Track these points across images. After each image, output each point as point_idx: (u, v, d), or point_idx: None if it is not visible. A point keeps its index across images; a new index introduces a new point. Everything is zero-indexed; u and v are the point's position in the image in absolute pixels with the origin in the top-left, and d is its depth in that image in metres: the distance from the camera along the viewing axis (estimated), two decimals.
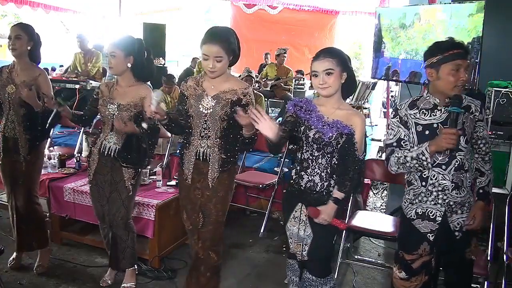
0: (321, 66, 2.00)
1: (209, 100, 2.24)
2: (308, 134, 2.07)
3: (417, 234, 2.07)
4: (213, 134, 2.26)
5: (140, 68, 2.59)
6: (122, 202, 2.63)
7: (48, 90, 2.77)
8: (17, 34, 2.68)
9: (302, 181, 2.12)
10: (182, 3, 10.84)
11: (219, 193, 2.31)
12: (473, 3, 2.98)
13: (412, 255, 2.09)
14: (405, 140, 2.05)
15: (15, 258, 2.99)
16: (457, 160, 1.97)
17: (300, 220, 2.14)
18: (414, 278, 2.11)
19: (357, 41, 15.14)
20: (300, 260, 2.19)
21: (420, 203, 2.05)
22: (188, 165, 2.33)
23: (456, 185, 1.99)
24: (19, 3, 7.97)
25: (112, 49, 2.51)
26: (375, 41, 3.82)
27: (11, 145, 2.78)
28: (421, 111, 2.02)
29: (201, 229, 2.35)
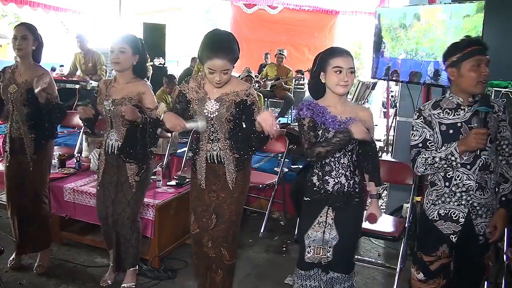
0: (347, 63, 2.01)
1: (212, 103, 2.24)
2: (327, 136, 2.05)
3: (438, 235, 2.06)
4: (222, 136, 2.26)
5: (141, 68, 2.62)
6: (128, 202, 2.62)
7: (51, 89, 2.78)
8: (24, 34, 2.69)
9: (328, 185, 2.10)
10: (182, 3, 10.83)
11: (234, 194, 2.32)
12: (473, 3, 2.98)
13: (430, 256, 2.08)
14: (431, 141, 2.05)
15: (15, 258, 2.99)
16: (481, 160, 1.96)
17: (326, 224, 2.12)
18: (431, 280, 2.10)
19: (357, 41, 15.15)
20: (325, 263, 2.16)
21: (443, 204, 2.04)
22: (200, 170, 2.33)
23: (480, 186, 1.98)
24: (20, 3, 7.97)
25: (122, 44, 2.49)
26: (375, 41, 3.81)
27: (18, 146, 2.79)
28: (444, 110, 2.02)
29: (213, 229, 2.33)
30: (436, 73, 3.24)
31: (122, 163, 2.59)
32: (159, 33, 8.12)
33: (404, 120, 3.94)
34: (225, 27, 9.31)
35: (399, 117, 4.09)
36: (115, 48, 2.49)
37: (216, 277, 2.39)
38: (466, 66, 1.92)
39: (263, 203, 4.11)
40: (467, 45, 1.94)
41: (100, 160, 2.69)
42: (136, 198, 2.66)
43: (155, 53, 6.93)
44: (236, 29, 10.51)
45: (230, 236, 2.36)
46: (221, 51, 2.10)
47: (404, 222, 3.06)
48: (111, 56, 2.52)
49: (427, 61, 3.32)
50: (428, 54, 3.33)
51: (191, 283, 2.91)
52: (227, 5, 11.16)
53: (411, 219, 3.06)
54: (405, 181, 3.14)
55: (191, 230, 2.44)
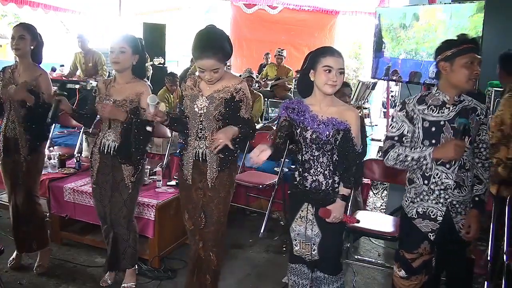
0: (337, 64, 2.00)
1: (203, 100, 2.25)
2: (305, 135, 2.07)
3: (418, 233, 2.07)
4: (209, 134, 2.25)
5: (140, 68, 2.63)
6: (124, 202, 2.63)
7: (48, 90, 2.77)
8: (21, 34, 2.68)
9: (306, 182, 2.12)
10: (182, 3, 10.82)
11: (221, 193, 2.31)
12: (473, 3, 2.98)
13: (412, 254, 2.09)
14: (407, 136, 2.05)
15: (15, 258, 3.00)
16: (460, 160, 1.98)
17: (307, 220, 2.14)
18: (414, 277, 2.11)
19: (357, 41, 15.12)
20: (310, 260, 2.18)
21: (421, 202, 2.06)
22: (187, 165, 2.34)
23: (457, 184, 2.00)
24: (20, 3, 7.97)
25: (122, 44, 2.49)
26: (375, 41, 3.82)
27: (12, 145, 2.79)
28: (429, 107, 2.02)
29: (204, 229, 2.34)
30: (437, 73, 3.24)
31: (118, 164, 2.59)
32: (159, 33, 8.12)
33: None
34: (225, 27, 9.30)
35: None
36: (115, 48, 2.49)
37: (205, 281, 2.41)
38: (460, 62, 1.93)
39: (263, 203, 4.11)
40: (463, 42, 1.94)
41: (93, 158, 2.67)
42: (132, 198, 2.66)
43: (155, 53, 6.93)
44: (236, 29, 10.51)
45: (219, 238, 2.37)
46: (210, 50, 2.10)
47: None
48: (111, 56, 2.52)
49: (427, 61, 3.33)
50: (428, 54, 3.33)
51: None
52: (227, 5, 11.15)
53: None
54: (405, 181, 3.13)
55: (187, 227, 2.46)
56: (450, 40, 2.01)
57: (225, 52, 2.15)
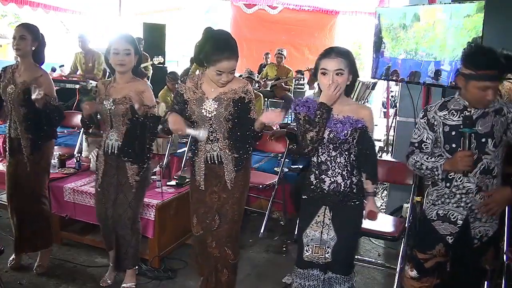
0: (333, 65, 1.97)
1: (211, 103, 2.23)
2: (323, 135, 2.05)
3: (435, 234, 2.06)
4: (221, 136, 2.25)
5: (138, 67, 2.64)
6: (129, 204, 2.62)
7: (50, 91, 2.76)
8: (22, 34, 2.68)
9: (324, 184, 2.09)
10: (182, 3, 10.83)
11: (236, 194, 2.31)
12: (473, 3, 2.98)
13: (425, 254, 2.09)
14: (426, 143, 2.07)
15: (15, 258, 3.00)
16: (483, 164, 1.95)
17: (323, 224, 2.11)
18: (425, 278, 2.10)
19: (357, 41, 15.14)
20: (323, 263, 2.15)
21: (442, 205, 2.05)
22: (199, 171, 2.33)
23: (480, 189, 1.97)
24: (20, 3, 7.97)
25: (127, 46, 2.49)
26: (375, 41, 3.81)
27: (16, 145, 2.80)
28: (450, 112, 2.02)
29: (217, 229, 2.33)
30: (437, 73, 3.24)
31: (122, 164, 2.59)
32: (159, 33, 8.12)
33: (404, 120, 3.94)
34: (225, 27, 9.30)
35: (399, 117, 4.09)
36: (120, 49, 2.48)
37: (222, 277, 2.39)
38: (473, 84, 1.89)
39: (263, 203, 4.11)
40: (483, 66, 1.86)
41: (99, 161, 2.68)
42: (137, 198, 2.66)
43: (155, 53, 6.93)
44: (236, 29, 10.51)
45: (233, 235, 2.37)
46: (228, 52, 2.11)
47: (404, 222, 3.06)
48: (117, 58, 2.49)
49: (427, 61, 3.32)
50: (428, 54, 3.32)
51: (191, 283, 2.91)
52: (227, 5, 11.16)
53: (411, 219, 3.05)
54: (405, 181, 3.14)
55: (194, 232, 2.44)
56: (475, 56, 1.90)
57: (238, 54, 2.17)
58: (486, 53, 1.90)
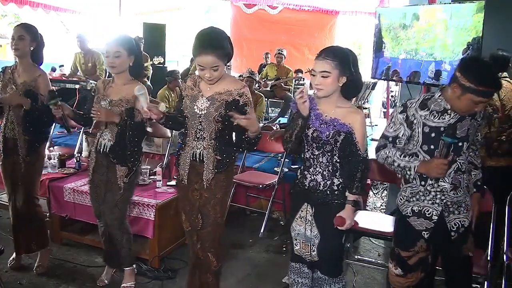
0: (319, 67, 1.97)
1: (203, 101, 2.23)
2: (307, 133, 2.07)
3: (414, 231, 2.08)
4: (208, 136, 2.25)
5: (137, 68, 2.62)
6: (116, 203, 2.62)
7: (45, 91, 2.74)
8: (20, 34, 2.68)
9: (305, 180, 2.13)
10: (182, 3, 10.83)
11: (217, 194, 2.30)
12: (473, 3, 2.98)
13: (408, 252, 2.10)
14: (401, 140, 2.07)
15: (15, 258, 2.99)
16: (457, 164, 2.01)
17: (306, 220, 2.13)
18: (410, 274, 2.12)
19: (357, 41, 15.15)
20: (310, 261, 2.18)
21: (417, 202, 2.06)
22: (183, 166, 2.33)
23: (454, 186, 2.02)
24: (20, 3, 7.97)
25: (116, 48, 2.48)
26: (375, 41, 3.81)
27: (11, 146, 2.78)
28: (431, 112, 2.01)
29: (200, 230, 2.34)
30: (437, 73, 3.25)
31: (113, 164, 2.60)
32: (159, 33, 8.12)
33: None
34: (225, 27, 9.31)
35: None
36: (110, 52, 2.49)
37: (206, 279, 2.41)
38: (469, 97, 1.88)
39: (263, 203, 4.11)
40: (484, 83, 1.85)
41: (90, 158, 2.69)
42: (124, 199, 2.66)
43: (155, 53, 6.93)
44: (236, 29, 10.51)
45: (217, 239, 2.37)
46: (209, 47, 2.09)
47: None
48: (108, 60, 2.54)
49: (427, 61, 3.32)
50: (428, 54, 3.33)
51: None
52: (227, 5, 11.16)
53: None
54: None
55: (185, 228, 2.46)
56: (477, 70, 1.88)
57: (225, 51, 2.14)
58: (490, 70, 1.90)
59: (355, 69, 2.03)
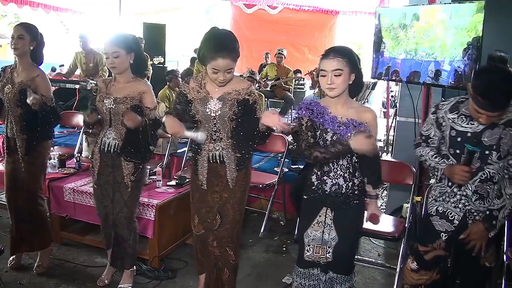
0: (330, 66, 1.95)
1: (215, 102, 2.24)
2: (326, 137, 2.03)
3: (434, 230, 2.08)
4: (225, 135, 2.26)
5: (139, 64, 2.61)
6: (125, 202, 2.63)
7: (46, 91, 2.75)
8: (20, 34, 2.68)
9: (326, 186, 2.09)
10: (182, 3, 10.83)
11: (237, 193, 2.32)
12: (473, 3, 2.98)
13: (426, 246, 2.10)
14: (433, 140, 2.11)
15: (15, 258, 2.99)
16: (485, 173, 1.94)
17: (325, 224, 2.11)
18: (424, 271, 2.10)
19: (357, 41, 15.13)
20: (324, 263, 2.14)
21: (443, 202, 2.07)
22: (202, 170, 2.33)
23: (480, 196, 1.97)
24: (20, 3, 7.97)
25: (114, 48, 2.47)
26: (375, 41, 3.81)
27: (13, 145, 2.79)
28: (460, 116, 1.97)
29: (218, 229, 2.34)
30: (437, 73, 3.24)
31: (118, 163, 2.58)
32: (159, 33, 8.12)
33: (404, 120, 3.94)
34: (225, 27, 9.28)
35: (399, 117, 4.09)
36: (108, 53, 2.48)
37: (223, 275, 2.41)
38: (471, 103, 1.87)
39: (263, 203, 4.11)
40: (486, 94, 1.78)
41: (94, 158, 2.67)
42: (133, 198, 2.66)
43: (155, 53, 6.93)
44: (236, 29, 10.50)
45: (235, 235, 2.38)
46: (224, 51, 2.09)
47: (404, 222, 3.06)
48: (107, 62, 2.53)
49: (427, 61, 3.32)
50: (428, 54, 3.32)
51: (191, 283, 2.91)
52: (227, 5, 11.16)
53: (411, 219, 3.06)
54: (405, 181, 3.14)
55: (195, 232, 2.45)
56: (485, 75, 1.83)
57: (236, 53, 2.15)
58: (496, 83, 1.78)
59: (360, 66, 2.04)
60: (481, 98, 1.79)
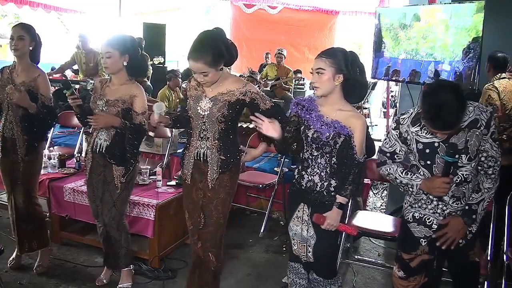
0: (315, 65, 2.01)
1: (206, 101, 2.25)
2: (307, 133, 2.08)
3: (413, 236, 2.06)
4: (212, 136, 2.26)
5: (134, 66, 2.59)
6: (114, 202, 2.63)
7: (46, 91, 2.76)
8: (20, 34, 2.68)
9: (303, 180, 2.13)
10: (182, 3, 10.83)
11: (220, 195, 2.31)
12: (473, 3, 2.98)
13: (410, 254, 2.09)
14: (399, 155, 2.05)
15: (15, 258, 2.99)
16: (459, 176, 1.93)
17: (302, 220, 2.14)
18: (412, 278, 2.10)
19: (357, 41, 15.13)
20: (305, 261, 2.19)
21: (419, 209, 2.04)
22: (187, 165, 2.35)
23: (457, 198, 1.97)
24: (19, 3, 7.97)
25: (106, 49, 2.48)
26: (375, 41, 3.81)
27: (10, 146, 2.78)
28: (423, 128, 1.94)
29: (202, 229, 2.35)
30: (436, 73, 3.25)
31: (109, 164, 2.60)
32: (159, 33, 8.13)
33: None
34: (225, 27, 9.31)
35: None
36: (103, 53, 2.51)
37: (206, 278, 2.42)
38: (426, 123, 1.86)
39: (263, 203, 4.11)
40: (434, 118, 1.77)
41: (87, 158, 2.70)
42: (122, 199, 2.66)
43: (155, 53, 6.93)
44: (236, 29, 10.51)
45: (218, 239, 2.37)
46: (197, 53, 2.11)
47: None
48: (102, 61, 2.56)
49: (427, 61, 3.33)
50: (428, 54, 3.33)
51: None
52: (227, 5, 11.16)
53: None
54: None
55: (188, 226, 2.47)
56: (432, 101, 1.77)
57: (216, 57, 2.11)
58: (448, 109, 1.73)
59: (354, 68, 2.02)
60: (432, 119, 1.78)
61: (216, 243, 2.37)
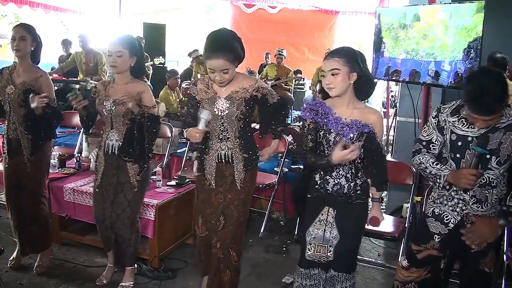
0: (327, 66, 1.98)
1: (223, 102, 2.25)
2: (329, 137, 2.05)
3: (428, 231, 2.08)
4: (232, 135, 2.27)
5: (139, 68, 2.62)
6: (128, 203, 2.62)
7: (49, 92, 2.76)
8: (22, 35, 2.68)
9: (328, 185, 2.10)
10: (182, 3, 10.83)
11: (241, 195, 2.32)
12: (473, 3, 2.98)
13: (419, 246, 2.10)
14: (434, 145, 2.04)
15: (15, 258, 2.99)
16: (484, 178, 1.92)
17: (327, 222, 2.12)
18: (414, 269, 2.10)
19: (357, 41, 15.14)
20: (325, 262, 2.15)
21: (440, 205, 2.05)
22: (210, 169, 2.33)
23: (478, 200, 1.96)
24: (19, 3, 7.96)
25: (119, 48, 2.48)
26: (375, 41, 3.81)
27: (15, 147, 2.78)
28: (460, 119, 1.95)
29: (221, 230, 2.34)
30: (437, 73, 3.25)
31: (123, 163, 2.59)
32: (159, 33, 8.12)
33: (404, 120, 3.95)
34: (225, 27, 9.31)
35: (399, 117, 4.09)
36: (112, 51, 2.49)
37: (225, 277, 2.41)
38: (466, 107, 1.87)
39: (263, 203, 4.11)
40: (476, 99, 1.79)
41: (98, 161, 2.68)
42: (137, 198, 2.66)
43: (155, 53, 6.93)
44: (236, 29, 10.46)
45: (238, 236, 2.38)
46: (220, 50, 2.10)
47: (404, 222, 3.06)
48: (109, 60, 2.54)
49: (427, 61, 3.32)
50: (428, 54, 3.33)
51: (191, 283, 2.91)
52: (227, 5, 11.16)
53: (411, 219, 3.06)
54: (405, 181, 3.14)
55: (199, 233, 2.46)
56: (476, 82, 1.80)
57: (236, 54, 2.15)
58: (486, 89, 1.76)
59: (365, 66, 2.03)
60: (473, 103, 1.79)
61: (236, 239, 2.37)
